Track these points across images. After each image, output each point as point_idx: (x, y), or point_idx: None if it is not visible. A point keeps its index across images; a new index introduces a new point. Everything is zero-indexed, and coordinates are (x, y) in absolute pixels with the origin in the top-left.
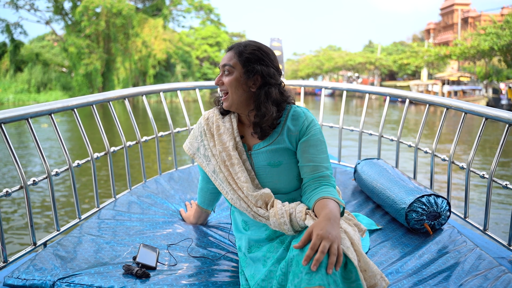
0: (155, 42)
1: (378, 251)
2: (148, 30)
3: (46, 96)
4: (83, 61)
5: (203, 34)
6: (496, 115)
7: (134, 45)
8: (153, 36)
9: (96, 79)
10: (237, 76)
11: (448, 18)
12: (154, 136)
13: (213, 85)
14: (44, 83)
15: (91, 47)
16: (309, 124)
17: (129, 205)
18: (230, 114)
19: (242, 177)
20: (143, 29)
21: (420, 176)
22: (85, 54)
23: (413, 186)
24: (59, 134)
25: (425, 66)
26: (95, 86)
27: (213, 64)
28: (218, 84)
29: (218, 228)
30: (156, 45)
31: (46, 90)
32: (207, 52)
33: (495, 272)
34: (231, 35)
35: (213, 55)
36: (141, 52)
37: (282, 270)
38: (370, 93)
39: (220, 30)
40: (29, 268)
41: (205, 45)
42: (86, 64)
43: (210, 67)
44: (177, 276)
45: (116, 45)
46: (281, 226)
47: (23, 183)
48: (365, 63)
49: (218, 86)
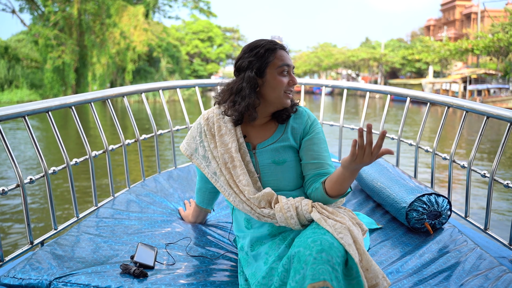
0: (134, 32)
1: (379, 251)
2: (127, 19)
3: (11, 95)
4: (50, 54)
5: (194, 28)
6: (498, 114)
7: (112, 37)
8: (133, 26)
9: (68, 75)
10: None
11: (450, 14)
12: (153, 134)
13: (213, 83)
14: (9, 80)
15: (59, 38)
16: (312, 123)
17: (128, 204)
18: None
19: (244, 180)
20: (122, 18)
21: (426, 175)
22: (52, 47)
23: (413, 185)
24: (56, 132)
25: (437, 62)
26: (68, 84)
27: (204, 60)
28: (295, 84)
29: (217, 227)
30: (136, 36)
31: (12, 88)
32: (198, 47)
33: (496, 271)
34: (224, 30)
35: (204, 50)
36: (119, 45)
37: (284, 266)
38: (370, 91)
39: (212, 24)
40: (26, 268)
41: (196, 40)
42: (54, 58)
43: (201, 64)
44: (175, 276)
45: (90, 36)
46: (288, 220)
47: (20, 181)
48: (368, 60)
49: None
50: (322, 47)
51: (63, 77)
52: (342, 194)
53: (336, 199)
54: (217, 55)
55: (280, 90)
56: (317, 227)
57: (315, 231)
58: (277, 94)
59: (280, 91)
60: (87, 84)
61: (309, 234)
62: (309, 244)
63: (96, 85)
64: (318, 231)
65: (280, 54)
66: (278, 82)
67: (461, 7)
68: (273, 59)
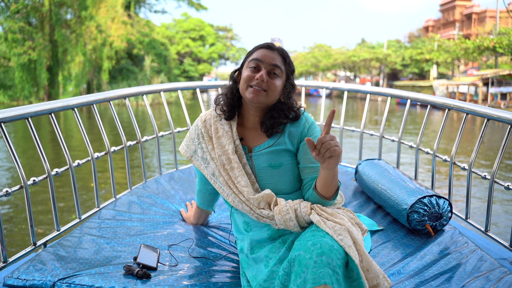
0: (112, 26)
1: (380, 252)
2: (105, 11)
3: None
4: (14, 50)
5: (185, 26)
6: (498, 116)
7: (88, 32)
8: (110, 18)
9: (40, 74)
10: (281, 83)
11: (449, 14)
12: (154, 135)
13: (216, 85)
14: None
15: (25, 32)
16: (310, 126)
17: (130, 205)
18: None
19: (242, 181)
20: (99, 10)
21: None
22: (17, 42)
23: (414, 187)
24: (59, 132)
25: (449, 62)
26: (40, 84)
27: (196, 60)
28: (262, 80)
29: (219, 228)
30: (113, 30)
31: None
32: (189, 47)
33: (497, 273)
34: (216, 29)
35: (196, 50)
36: (96, 40)
37: (285, 270)
38: (370, 93)
39: (204, 23)
40: (29, 269)
41: (187, 39)
42: (17, 54)
43: (192, 64)
44: (178, 277)
45: (61, 30)
46: (287, 222)
47: (23, 183)
48: (370, 60)
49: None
50: (319, 47)
51: (35, 76)
52: (336, 191)
53: (333, 200)
54: (209, 55)
55: (244, 83)
56: (316, 230)
57: (315, 233)
58: (242, 87)
59: (244, 84)
60: (62, 85)
61: (308, 237)
62: (309, 247)
63: (72, 86)
64: (317, 234)
65: (260, 51)
66: (244, 75)
67: (462, 7)
68: (251, 55)
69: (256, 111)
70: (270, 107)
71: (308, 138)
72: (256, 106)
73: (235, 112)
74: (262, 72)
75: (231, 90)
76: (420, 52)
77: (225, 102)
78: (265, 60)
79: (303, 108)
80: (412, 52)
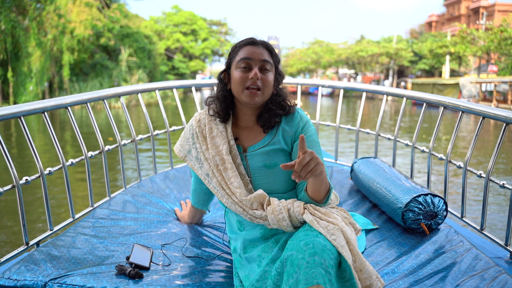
0: (73, 9)
1: (374, 251)
2: None
3: None
4: None
5: (176, 20)
6: (494, 114)
7: (49, 18)
8: (71, 1)
9: None
10: (273, 76)
11: (454, 9)
12: (149, 134)
13: (211, 84)
14: None
15: None
16: (305, 125)
17: (124, 204)
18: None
19: (235, 182)
20: None
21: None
22: None
23: (409, 185)
24: (52, 131)
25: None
26: None
27: (187, 56)
28: (257, 78)
29: (213, 227)
30: (75, 15)
31: None
32: (180, 42)
33: (492, 272)
34: (210, 23)
35: (187, 45)
36: (57, 28)
37: (277, 270)
38: (366, 91)
39: (196, 16)
40: (21, 268)
41: (177, 33)
42: None
43: (183, 60)
44: (171, 277)
45: (9, 14)
46: (280, 222)
47: (15, 182)
48: (378, 56)
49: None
50: (319, 43)
51: None
52: (327, 193)
53: (325, 202)
54: (202, 51)
55: (239, 86)
56: (309, 229)
57: (308, 233)
58: (237, 89)
59: (239, 86)
60: (20, 83)
61: (301, 236)
62: (302, 247)
63: (32, 84)
64: (310, 233)
65: (245, 48)
66: (236, 77)
67: (468, 1)
68: (236, 55)
69: (251, 110)
70: (265, 101)
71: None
72: (252, 106)
73: (229, 113)
74: (255, 70)
75: (222, 93)
76: (442, 44)
77: (218, 107)
78: (254, 57)
79: (295, 103)
80: (433, 45)
